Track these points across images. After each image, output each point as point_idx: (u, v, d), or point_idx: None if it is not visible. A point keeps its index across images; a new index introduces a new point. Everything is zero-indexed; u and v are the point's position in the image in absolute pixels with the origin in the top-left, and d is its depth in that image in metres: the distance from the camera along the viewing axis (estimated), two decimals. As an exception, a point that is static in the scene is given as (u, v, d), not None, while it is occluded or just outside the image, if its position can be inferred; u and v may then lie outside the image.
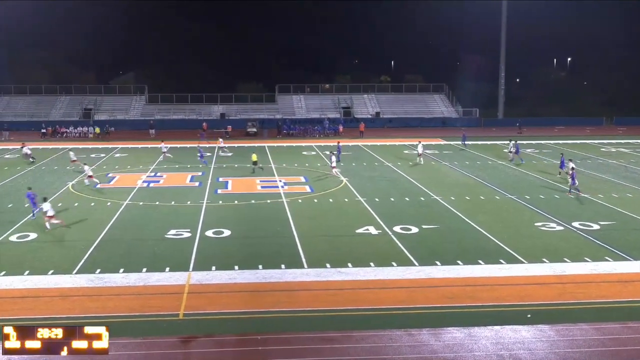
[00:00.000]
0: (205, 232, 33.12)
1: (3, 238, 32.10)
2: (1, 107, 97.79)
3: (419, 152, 57.13)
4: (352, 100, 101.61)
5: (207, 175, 50.57)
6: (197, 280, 25.91)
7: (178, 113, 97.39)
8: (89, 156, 61.77)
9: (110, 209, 38.62)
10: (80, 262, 28.20)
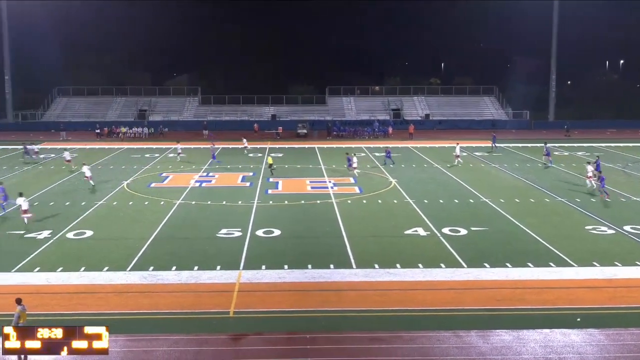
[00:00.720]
0: (255, 232, 33.55)
1: (60, 235, 32.99)
2: (59, 108, 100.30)
3: (456, 154, 56.94)
4: (401, 102, 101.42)
5: (258, 175, 51.10)
6: (247, 278, 26.31)
7: (230, 114, 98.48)
8: (143, 156, 62.96)
9: (164, 208, 39.36)
10: (134, 259, 28.87)
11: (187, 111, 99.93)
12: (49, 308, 23.19)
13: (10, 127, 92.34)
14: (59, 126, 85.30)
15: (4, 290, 24.93)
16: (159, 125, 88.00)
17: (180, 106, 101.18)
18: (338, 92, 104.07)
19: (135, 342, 20.54)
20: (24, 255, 29.28)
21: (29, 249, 30.29)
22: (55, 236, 32.72)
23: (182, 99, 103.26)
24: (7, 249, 30.63)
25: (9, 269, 27.53)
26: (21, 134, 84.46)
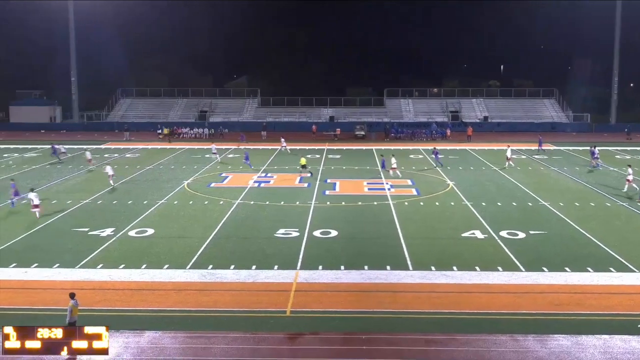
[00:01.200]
0: (313, 232, 33.80)
1: (123, 233, 33.81)
2: (123, 109, 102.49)
3: (507, 157, 56.29)
4: (460, 104, 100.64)
5: (315, 176, 51.37)
6: (304, 278, 26.56)
7: (289, 115, 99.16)
8: (204, 156, 63.92)
9: (223, 208, 39.94)
10: (193, 257, 29.41)
11: (247, 112, 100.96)
12: (111, 304, 23.83)
13: (76, 128, 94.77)
14: (122, 126, 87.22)
15: (67, 286, 25.58)
16: (219, 126, 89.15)
17: (240, 107, 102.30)
18: (396, 94, 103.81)
19: (194, 339, 20.95)
20: (88, 252, 30.11)
21: (92, 246, 31.13)
22: (118, 234, 33.53)
23: (241, 101, 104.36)
24: (71, 245, 31.51)
25: (73, 265, 28.34)
26: (86, 134, 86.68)
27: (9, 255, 29.82)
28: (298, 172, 51.69)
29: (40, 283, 26.04)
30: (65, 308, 20.27)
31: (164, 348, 20.26)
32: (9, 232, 33.87)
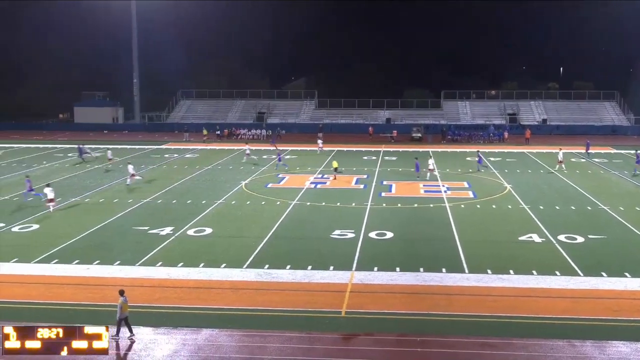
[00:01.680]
0: (368, 234, 33.87)
1: (182, 232, 34.42)
2: (183, 110, 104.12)
3: (559, 160, 55.35)
4: (518, 106, 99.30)
5: (371, 178, 51.42)
6: (360, 279, 26.67)
7: (346, 117, 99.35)
8: (261, 157, 64.55)
9: (280, 208, 40.30)
10: (250, 257, 29.79)
11: (304, 114, 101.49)
12: (169, 301, 24.32)
13: (137, 128, 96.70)
14: (182, 127, 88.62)
15: (127, 282, 26.25)
16: (276, 127, 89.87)
17: (297, 109, 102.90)
18: (453, 96, 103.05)
19: (249, 337, 21.26)
20: (148, 250, 30.78)
21: (152, 245, 31.80)
22: (177, 233, 34.16)
23: (299, 102, 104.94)
24: (132, 244, 32.24)
25: (133, 262, 29.01)
26: (147, 135, 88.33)
27: (72, 252, 30.68)
28: (332, 173, 52.06)
29: (101, 280, 26.72)
30: (115, 304, 20.89)
31: (220, 346, 20.61)
32: (73, 229, 34.81)
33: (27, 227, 35.59)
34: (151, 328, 21.81)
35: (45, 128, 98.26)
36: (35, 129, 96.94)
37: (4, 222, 36.38)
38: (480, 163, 56.20)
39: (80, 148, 63.65)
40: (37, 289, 25.73)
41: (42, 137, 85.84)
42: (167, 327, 21.85)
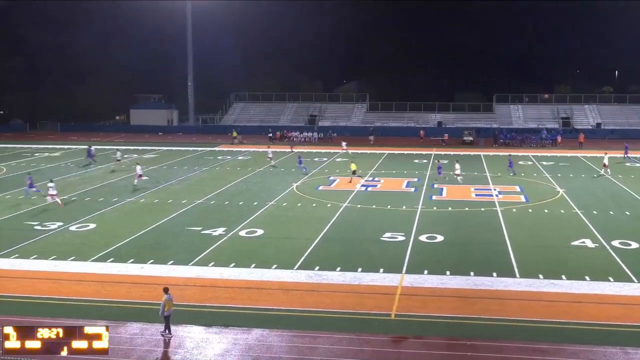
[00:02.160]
0: (419, 237, 33.83)
1: (234, 233, 34.86)
2: (236, 112, 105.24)
3: (604, 164, 54.32)
4: (571, 110, 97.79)
5: (422, 181, 51.28)
6: (410, 282, 26.68)
7: (397, 120, 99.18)
8: (312, 159, 64.89)
9: (330, 210, 40.50)
10: (301, 258, 30.02)
11: (355, 117, 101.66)
12: (221, 301, 24.67)
13: (191, 130, 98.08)
14: (235, 130, 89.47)
15: (180, 282, 26.75)
16: (328, 130, 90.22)
17: (348, 112, 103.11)
18: (506, 99, 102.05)
19: (299, 338, 21.46)
20: (200, 251, 31.25)
21: (205, 245, 32.28)
22: (229, 233, 34.60)
23: (350, 105, 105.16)
24: (185, 244, 32.76)
25: (186, 262, 29.49)
26: (201, 137, 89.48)
27: (127, 251, 31.34)
28: (350, 176, 51.56)
29: (155, 279, 27.22)
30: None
31: (270, 346, 20.86)
32: (128, 229, 35.55)
33: (84, 227, 36.45)
34: (203, 327, 22.18)
35: (102, 130, 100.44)
36: (93, 130, 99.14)
37: (62, 221, 37.34)
38: (510, 167, 55.53)
39: (90, 150, 64.47)
40: (92, 287, 26.36)
41: (99, 138, 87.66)
42: (219, 327, 22.19)
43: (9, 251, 31.29)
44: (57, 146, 77.63)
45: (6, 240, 33.31)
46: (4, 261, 29.82)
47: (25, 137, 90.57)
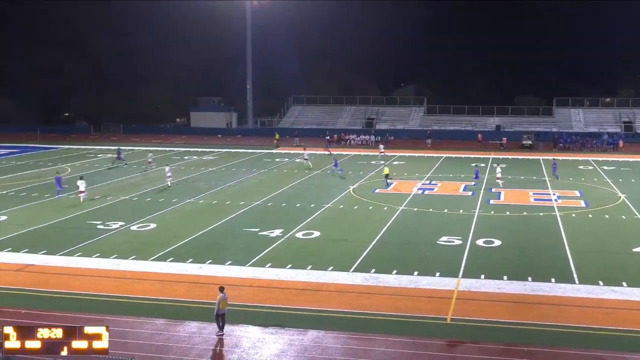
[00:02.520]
0: (475, 241, 33.60)
1: (290, 234, 35.17)
2: (294, 115, 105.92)
3: None
4: (634, 114, 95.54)
5: (480, 185, 50.86)
6: (466, 287, 26.55)
7: (455, 124, 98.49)
8: (369, 162, 64.95)
9: (387, 213, 40.51)
10: (357, 261, 30.13)
11: (413, 120, 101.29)
12: (277, 302, 24.95)
13: (250, 133, 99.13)
14: (293, 132, 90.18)
15: (237, 282, 27.14)
16: (385, 133, 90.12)
17: (406, 115, 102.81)
18: (566, 103, 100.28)
19: (355, 340, 21.58)
20: (258, 252, 31.62)
21: (262, 246, 32.65)
22: (286, 235, 34.92)
23: (408, 109, 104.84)
24: (243, 244, 33.19)
25: (244, 263, 29.89)
26: (259, 139, 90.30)
27: (186, 251, 31.93)
28: (384, 182, 51.14)
29: (213, 279, 27.60)
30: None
31: (326, 347, 21.03)
32: (187, 229, 36.18)
33: (145, 226, 37.25)
34: (259, 327, 22.48)
35: (163, 132, 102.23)
36: (154, 132, 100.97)
37: (124, 221, 38.20)
38: (554, 171, 54.59)
39: (120, 151, 65.36)
40: (153, 286, 26.96)
41: (160, 140, 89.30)
42: (275, 327, 22.46)
43: (73, 249, 32.19)
44: (120, 147, 79.17)
45: (70, 238, 34.28)
46: (68, 259, 30.71)
47: (89, 139, 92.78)
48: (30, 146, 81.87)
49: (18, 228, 36.67)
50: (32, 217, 39.69)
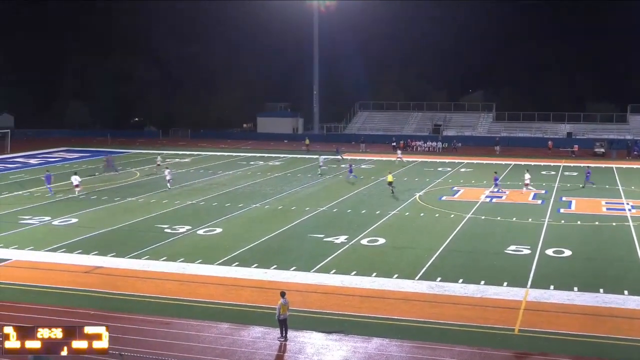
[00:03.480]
0: (545, 251, 32.84)
1: (355, 241, 35.01)
2: (360, 121, 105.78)
3: None
4: None
5: (550, 193, 49.78)
6: (534, 297, 25.93)
7: (524, 131, 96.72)
8: (436, 169, 64.33)
9: (453, 221, 39.98)
10: (422, 269, 29.80)
11: (481, 127, 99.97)
12: (341, 308, 24.83)
13: (316, 138, 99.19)
14: (359, 138, 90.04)
15: (302, 288, 27.16)
16: (452, 140, 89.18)
17: (474, 122, 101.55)
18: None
19: (419, 349, 21.29)
20: (322, 258, 31.58)
21: (327, 252, 32.60)
22: (351, 241, 34.78)
23: (476, 115, 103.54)
24: (307, 250, 33.23)
25: (308, 269, 29.87)
26: (325, 145, 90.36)
27: (251, 255, 32.11)
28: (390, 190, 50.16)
29: (277, 284, 27.63)
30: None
31: (390, 355, 20.79)
32: (253, 234, 36.43)
33: (211, 231, 37.63)
34: (323, 334, 22.39)
35: (230, 137, 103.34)
36: (221, 137, 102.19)
37: (190, 225, 38.67)
38: (587, 179, 52.85)
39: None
40: (217, 290, 27.17)
41: (227, 145, 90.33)
42: (339, 334, 22.33)
43: (141, 252, 32.74)
44: (187, 152, 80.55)
45: (138, 241, 34.90)
46: (136, 262, 31.24)
47: (158, 144, 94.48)
48: (101, 150, 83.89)
49: (88, 230, 37.54)
50: (102, 219, 40.58)
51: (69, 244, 34.42)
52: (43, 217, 41.38)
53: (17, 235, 36.75)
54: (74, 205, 45.13)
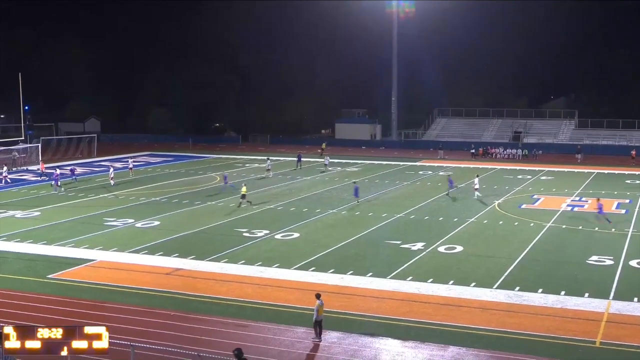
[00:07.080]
0: (629, 261, 31.90)
1: (432, 248, 34.78)
2: (438, 128, 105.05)
3: None
4: None
5: (634, 203, 48.33)
6: (617, 309, 25.23)
7: (607, 138, 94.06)
8: (516, 177, 63.27)
9: (533, 229, 39.25)
10: (500, 277, 29.36)
11: (562, 134, 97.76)
12: (417, 316, 24.71)
13: (394, 145, 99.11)
14: (437, 145, 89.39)
15: (377, 294, 27.14)
16: (532, 147, 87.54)
17: (555, 129, 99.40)
18: None
19: (496, 359, 20.99)
20: (399, 264, 31.48)
21: (403, 259, 32.49)
22: (428, 249, 34.57)
23: (557, 122, 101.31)
24: (384, 257, 33.19)
25: (384, 275, 29.81)
26: (403, 152, 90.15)
27: (328, 261, 32.26)
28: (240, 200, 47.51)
29: (353, 289, 27.77)
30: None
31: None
32: (330, 239, 36.63)
33: (289, 235, 37.99)
34: (399, 340, 22.34)
35: (308, 143, 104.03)
36: (299, 143, 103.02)
37: (269, 229, 39.13)
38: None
39: (226, 176, 64.66)
40: (294, 294, 27.40)
41: (305, 151, 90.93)
42: (415, 341, 22.23)
43: (220, 255, 33.31)
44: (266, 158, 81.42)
45: (218, 245, 35.52)
46: (215, 265, 31.81)
47: (238, 149, 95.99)
48: (183, 155, 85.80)
49: (169, 233, 38.43)
50: (182, 223, 41.48)
51: (151, 246, 35.32)
52: (127, 219, 42.58)
53: (102, 236, 37.94)
54: (157, 209, 46.28)
